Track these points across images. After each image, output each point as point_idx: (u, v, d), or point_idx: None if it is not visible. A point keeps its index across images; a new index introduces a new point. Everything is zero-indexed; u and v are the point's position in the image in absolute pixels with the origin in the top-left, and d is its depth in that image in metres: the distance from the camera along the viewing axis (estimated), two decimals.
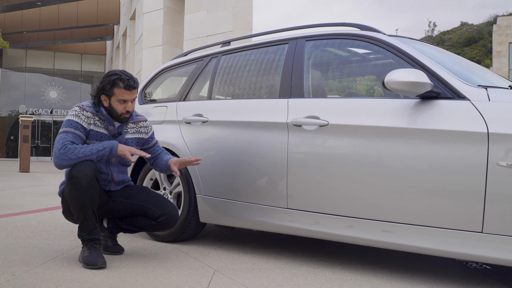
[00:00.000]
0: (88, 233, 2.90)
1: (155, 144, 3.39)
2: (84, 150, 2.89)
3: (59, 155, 2.87)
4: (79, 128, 2.96)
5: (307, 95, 3.16)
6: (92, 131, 3.02)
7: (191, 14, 14.74)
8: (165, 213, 3.14)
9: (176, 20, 16.70)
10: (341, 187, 2.83)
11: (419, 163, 2.57)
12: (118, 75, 3.02)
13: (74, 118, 2.97)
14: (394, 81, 2.54)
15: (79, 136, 2.95)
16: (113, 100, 3.04)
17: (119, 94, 3.02)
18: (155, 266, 2.92)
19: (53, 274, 2.67)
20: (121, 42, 25.21)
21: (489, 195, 2.36)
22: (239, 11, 14.00)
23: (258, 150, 3.21)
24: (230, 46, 3.84)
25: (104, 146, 2.96)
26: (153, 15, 16.60)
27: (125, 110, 3.07)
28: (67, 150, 2.86)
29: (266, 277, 2.73)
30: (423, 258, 3.31)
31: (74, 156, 2.86)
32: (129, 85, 3.02)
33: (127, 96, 3.04)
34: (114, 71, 3.07)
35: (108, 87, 3.02)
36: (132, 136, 3.24)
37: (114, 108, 3.05)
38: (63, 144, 2.88)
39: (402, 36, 3.12)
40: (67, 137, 2.91)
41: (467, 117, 2.45)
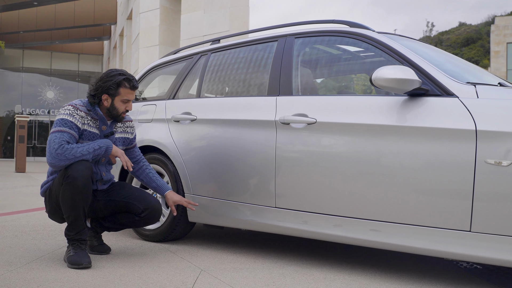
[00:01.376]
0: (77, 232, 2.87)
1: (135, 145, 3.39)
2: (81, 150, 2.85)
3: (56, 155, 2.81)
4: (73, 127, 2.91)
5: (296, 93, 3.13)
6: (86, 131, 2.98)
7: (188, 13, 14.69)
8: (148, 208, 3.12)
9: (173, 19, 16.66)
10: (329, 186, 2.79)
11: (407, 161, 2.53)
12: (124, 75, 3.03)
13: (68, 117, 2.92)
14: (382, 78, 2.50)
15: (73, 136, 2.90)
16: (117, 100, 3.03)
17: (125, 94, 3.03)
18: (141, 266, 2.88)
19: (36, 274, 2.63)
20: (118, 42, 25.16)
21: (477, 193, 2.33)
22: (235, 11, 13.96)
23: (247, 149, 3.18)
24: (219, 44, 3.81)
25: (100, 146, 2.94)
26: (150, 15, 16.56)
27: (125, 110, 3.08)
28: (65, 150, 2.81)
29: (252, 277, 2.69)
30: (413, 258, 3.28)
31: (71, 156, 2.82)
32: (134, 85, 3.06)
33: (131, 96, 3.07)
34: (117, 71, 3.06)
35: (114, 87, 3.00)
36: (119, 135, 3.22)
37: (116, 108, 3.04)
38: (60, 144, 2.82)
39: (392, 33, 3.09)
40: (63, 136, 2.85)
41: (455, 114, 2.42)
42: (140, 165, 3.36)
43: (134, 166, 3.36)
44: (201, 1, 14.50)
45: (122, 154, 3.05)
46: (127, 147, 3.31)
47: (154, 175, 3.35)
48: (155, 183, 3.32)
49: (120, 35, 24.26)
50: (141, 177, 3.36)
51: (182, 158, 3.52)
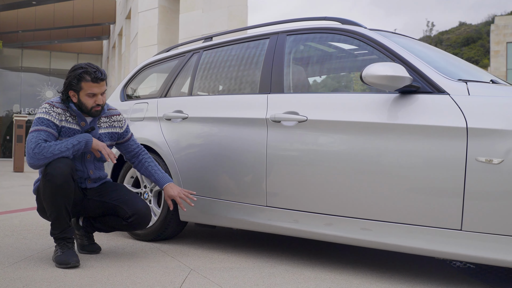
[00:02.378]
0: (61, 231, 2.83)
1: (130, 138, 3.26)
2: (60, 147, 2.80)
3: (34, 155, 2.76)
4: (50, 125, 2.86)
5: (287, 91, 3.10)
6: (64, 128, 2.92)
7: (186, 13, 14.66)
8: (136, 213, 3.04)
9: (171, 19, 16.63)
10: (320, 184, 2.77)
11: (399, 160, 2.50)
12: (83, 68, 2.89)
13: (44, 115, 2.87)
14: (372, 75, 2.47)
15: (51, 133, 2.85)
16: (82, 95, 2.91)
17: (88, 88, 2.89)
18: (130, 266, 2.85)
19: (23, 274, 2.60)
20: (117, 42, 25.13)
21: (468, 191, 2.30)
22: (234, 10, 13.92)
23: (238, 147, 3.15)
24: (211, 42, 3.78)
25: (79, 140, 2.87)
26: (148, 14, 16.53)
27: (95, 104, 2.95)
28: (42, 148, 2.76)
29: (242, 277, 2.66)
30: (405, 257, 3.25)
31: (49, 154, 2.77)
32: (97, 77, 2.89)
33: (96, 89, 2.91)
34: (80, 64, 2.94)
35: (75, 82, 2.88)
36: (105, 130, 3.12)
37: (84, 103, 2.93)
38: (37, 143, 2.77)
39: (384, 30, 3.06)
40: (39, 135, 2.81)
41: (446, 111, 2.39)
42: (139, 158, 3.26)
43: (133, 160, 3.26)
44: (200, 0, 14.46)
45: (103, 147, 2.95)
46: (120, 141, 3.22)
47: (153, 168, 3.23)
48: (154, 176, 3.21)
49: (119, 34, 24.22)
50: (141, 171, 3.27)
51: (174, 156, 3.49)
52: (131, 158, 3.29)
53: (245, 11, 14.06)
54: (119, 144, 3.25)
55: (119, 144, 3.25)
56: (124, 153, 3.30)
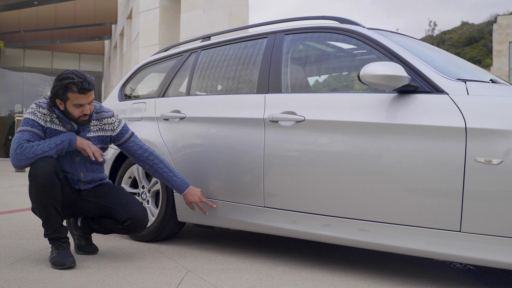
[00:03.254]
0: (53, 231, 2.81)
1: (129, 139, 3.15)
2: (42, 147, 2.76)
3: (16, 155, 2.74)
4: (35, 125, 2.82)
5: (285, 90, 3.07)
6: (49, 129, 2.88)
7: (187, 13, 14.64)
8: (131, 218, 3.00)
9: (172, 19, 16.61)
10: (317, 185, 2.74)
11: (397, 160, 2.48)
12: (70, 79, 2.78)
13: (30, 116, 2.84)
14: (370, 74, 2.45)
15: (36, 133, 2.82)
16: (69, 105, 2.83)
17: (74, 99, 2.80)
18: (126, 267, 2.83)
19: (19, 275, 2.58)
20: (118, 42, 25.12)
21: (467, 192, 2.27)
22: (235, 10, 13.90)
23: (236, 147, 3.12)
24: (209, 41, 3.75)
25: (62, 139, 2.83)
26: (150, 14, 16.51)
27: (82, 114, 2.87)
28: (24, 148, 2.73)
29: (239, 278, 2.64)
30: (404, 259, 3.22)
31: (32, 154, 2.74)
32: (83, 88, 2.78)
33: (83, 100, 2.82)
34: (66, 73, 2.83)
35: (61, 92, 2.80)
36: (95, 134, 3.05)
37: (70, 113, 2.85)
38: (19, 143, 2.75)
39: (383, 29, 3.03)
40: (23, 136, 2.78)
41: (445, 111, 2.36)
42: (149, 163, 3.14)
43: (142, 165, 3.16)
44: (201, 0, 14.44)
45: (88, 145, 2.89)
46: (117, 143, 3.15)
47: (168, 174, 3.13)
48: (171, 184, 3.14)
49: (120, 34, 24.21)
50: (155, 177, 3.18)
51: (171, 157, 3.46)
52: (137, 161, 3.18)
53: (246, 11, 14.04)
54: (119, 146, 3.19)
55: (118, 146, 3.19)
56: (127, 154, 3.22)
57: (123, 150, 3.21)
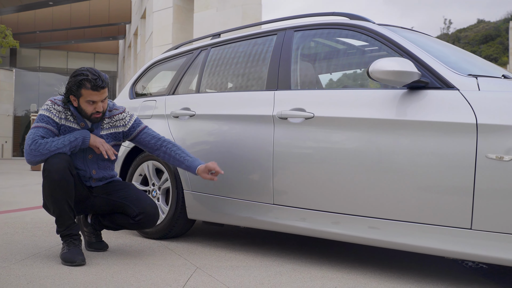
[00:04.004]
0: (66, 228, 2.83)
1: (142, 131, 3.14)
2: (56, 143, 2.79)
3: (30, 151, 2.76)
4: (50, 122, 2.85)
5: (295, 87, 3.05)
6: (64, 126, 2.90)
7: (200, 12, 14.66)
8: (143, 212, 3.01)
9: (186, 18, 16.65)
10: (326, 182, 2.72)
11: (407, 157, 2.45)
12: (84, 75, 2.81)
13: (45, 112, 2.87)
14: (379, 70, 2.42)
15: (50, 130, 2.84)
16: (82, 101, 2.86)
17: (87, 95, 2.83)
18: (136, 263, 2.84)
19: (29, 271, 2.60)
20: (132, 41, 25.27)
21: (478, 189, 2.24)
22: (248, 9, 13.89)
23: (245, 145, 3.11)
24: (219, 38, 3.75)
25: (76, 137, 2.86)
26: (163, 14, 16.57)
27: (95, 111, 2.90)
28: (38, 145, 2.75)
29: (248, 275, 2.63)
30: (414, 256, 3.19)
31: (46, 150, 2.76)
32: (97, 85, 2.82)
33: (96, 97, 2.85)
34: (81, 70, 2.87)
35: (75, 88, 2.83)
36: (108, 131, 3.07)
37: (83, 109, 2.88)
38: (33, 139, 2.77)
39: (393, 25, 3.00)
40: (37, 132, 2.80)
41: (455, 107, 2.33)
42: (163, 150, 3.10)
43: (158, 153, 3.12)
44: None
45: (101, 143, 2.92)
46: (129, 138, 3.16)
47: (181, 155, 3.06)
48: (184, 164, 3.06)
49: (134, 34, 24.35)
50: (170, 162, 3.13)
51: None
52: (152, 151, 3.16)
53: (259, 10, 14.02)
54: (132, 141, 3.19)
55: (132, 140, 3.19)
56: (142, 148, 3.21)
57: (138, 145, 3.21)
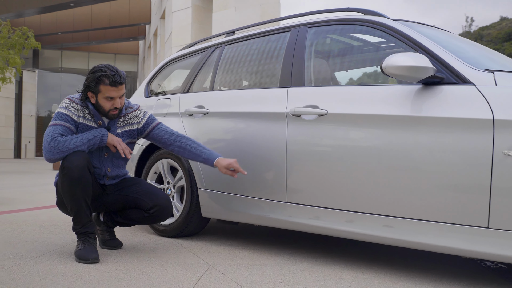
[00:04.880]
0: (82, 225, 2.84)
1: (155, 127, 3.15)
2: (75, 141, 2.81)
3: (49, 148, 2.78)
4: (68, 120, 2.87)
5: (308, 84, 3.02)
6: (82, 124, 2.92)
7: (219, 11, 14.68)
8: (157, 204, 3.04)
9: (204, 18, 16.69)
10: (340, 180, 2.68)
11: (422, 154, 2.40)
12: (103, 71, 2.85)
13: (63, 110, 2.88)
14: (393, 65, 2.38)
15: (68, 128, 2.86)
16: (100, 97, 2.89)
17: (105, 91, 2.86)
18: (149, 261, 2.84)
19: (43, 268, 2.61)
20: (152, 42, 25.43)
21: (495, 187, 2.18)
22: (267, 8, 13.87)
23: (258, 142, 3.09)
24: (233, 36, 3.73)
25: (95, 135, 2.88)
26: (182, 14, 16.63)
27: (113, 107, 2.92)
28: (57, 142, 2.77)
29: (261, 274, 2.61)
30: (430, 256, 3.13)
31: (65, 148, 2.78)
32: (115, 81, 2.85)
33: (114, 93, 2.88)
34: (99, 66, 2.90)
35: (93, 84, 2.86)
36: (123, 129, 3.10)
37: (101, 105, 2.91)
38: (53, 137, 2.78)
39: (409, 20, 2.95)
40: (56, 129, 2.82)
41: (471, 103, 2.27)
42: (178, 144, 3.10)
43: (173, 148, 3.12)
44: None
45: (118, 142, 2.95)
46: (143, 134, 3.17)
47: (197, 149, 3.06)
48: (201, 157, 3.05)
49: (154, 34, 24.50)
50: (185, 156, 3.12)
51: None
52: (167, 146, 3.15)
53: (278, 9, 13.99)
54: (147, 137, 3.20)
55: (146, 137, 3.19)
56: (157, 143, 3.20)
57: (153, 141, 3.21)
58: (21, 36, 16.01)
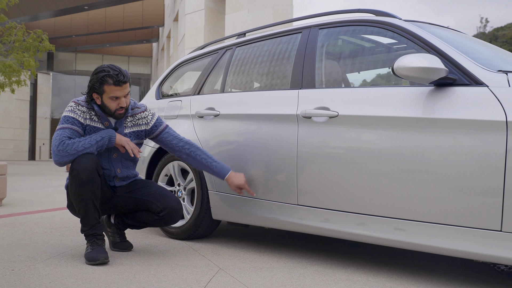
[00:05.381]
0: (90, 227, 2.84)
1: (164, 130, 3.17)
2: (83, 143, 2.81)
3: (58, 152, 2.78)
4: (75, 123, 2.87)
5: (319, 86, 3.00)
6: (89, 126, 2.93)
7: (232, 13, 14.70)
8: (167, 207, 3.05)
9: (217, 20, 16.72)
10: (351, 182, 2.65)
11: (434, 156, 2.36)
12: (106, 72, 2.85)
13: (70, 113, 2.89)
14: (404, 67, 2.35)
15: (76, 131, 2.86)
16: (105, 98, 2.90)
17: (110, 91, 2.87)
18: (159, 264, 2.83)
19: (52, 270, 2.62)
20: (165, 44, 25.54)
21: (509, 189, 2.14)
22: (279, 10, 13.85)
23: (269, 144, 3.07)
24: (244, 38, 3.72)
25: (102, 136, 2.88)
26: (195, 16, 16.68)
27: (118, 106, 2.93)
28: (66, 145, 2.78)
29: (271, 277, 2.59)
30: (442, 259, 3.08)
31: (73, 151, 2.78)
32: (119, 80, 2.85)
33: (119, 92, 2.88)
34: (102, 67, 2.91)
35: (97, 85, 2.87)
36: (130, 130, 3.10)
37: (107, 106, 2.92)
38: (61, 140, 2.79)
39: (421, 21, 2.92)
40: (64, 133, 2.82)
41: (484, 104, 2.24)
42: (186, 152, 3.13)
43: (180, 155, 3.14)
44: (245, 1, 14.47)
45: (127, 142, 2.95)
46: (151, 136, 3.18)
47: (207, 160, 3.10)
48: (211, 169, 3.10)
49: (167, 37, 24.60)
50: (193, 165, 3.16)
51: None
52: (173, 152, 3.18)
53: (291, 11, 13.97)
54: (154, 139, 3.21)
55: (153, 139, 3.21)
56: (164, 147, 3.22)
57: (159, 143, 3.22)
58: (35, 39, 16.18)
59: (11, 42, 15.98)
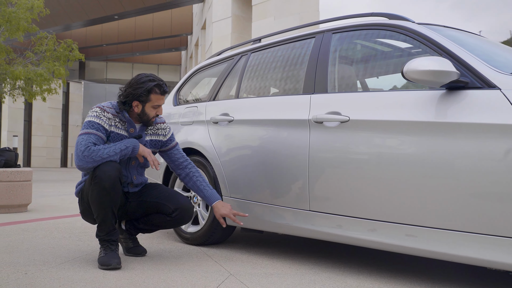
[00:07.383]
0: (106, 233, 2.87)
1: (174, 147, 3.28)
2: (108, 151, 2.83)
3: (83, 157, 2.80)
4: (100, 129, 2.90)
5: (332, 90, 2.97)
6: (113, 133, 2.97)
7: (258, 21, 14.74)
8: (178, 208, 3.08)
9: (244, 27, 16.79)
10: (362, 188, 2.61)
11: (448, 161, 2.30)
12: (154, 81, 2.97)
13: (95, 119, 2.91)
14: (414, 70, 2.30)
15: (100, 137, 2.89)
16: (148, 106, 2.99)
17: (155, 100, 2.98)
18: (170, 269, 2.83)
19: (64, 274, 2.65)
20: (193, 52, 25.77)
21: None
22: (305, 16, 13.82)
23: (282, 150, 3.05)
24: (259, 44, 3.72)
25: (127, 145, 2.92)
26: (222, 24, 16.79)
27: (156, 115, 3.04)
28: (91, 152, 2.80)
29: (280, 283, 2.56)
30: (455, 266, 3.00)
31: (98, 157, 2.81)
32: (165, 90, 3.01)
33: (161, 101, 3.02)
34: (147, 76, 3.01)
35: (145, 94, 2.95)
36: (149, 138, 3.16)
37: (147, 113, 3.00)
38: (86, 145, 2.81)
39: (434, 24, 2.87)
40: (89, 138, 2.84)
41: (496, 108, 2.17)
42: (186, 171, 3.26)
43: (179, 172, 3.27)
44: (272, 8, 14.50)
45: (149, 153, 2.99)
46: (163, 149, 3.25)
47: (202, 184, 3.22)
48: (203, 192, 3.21)
49: (195, 45, 24.83)
50: (188, 185, 3.27)
51: (220, 160, 3.45)
52: (176, 168, 3.29)
53: (317, 16, 13.92)
54: (163, 152, 3.29)
55: (163, 152, 3.28)
56: (168, 162, 3.32)
57: (167, 158, 3.31)
58: (66, 48, 16.52)
59: (42, 51, 16.35)
